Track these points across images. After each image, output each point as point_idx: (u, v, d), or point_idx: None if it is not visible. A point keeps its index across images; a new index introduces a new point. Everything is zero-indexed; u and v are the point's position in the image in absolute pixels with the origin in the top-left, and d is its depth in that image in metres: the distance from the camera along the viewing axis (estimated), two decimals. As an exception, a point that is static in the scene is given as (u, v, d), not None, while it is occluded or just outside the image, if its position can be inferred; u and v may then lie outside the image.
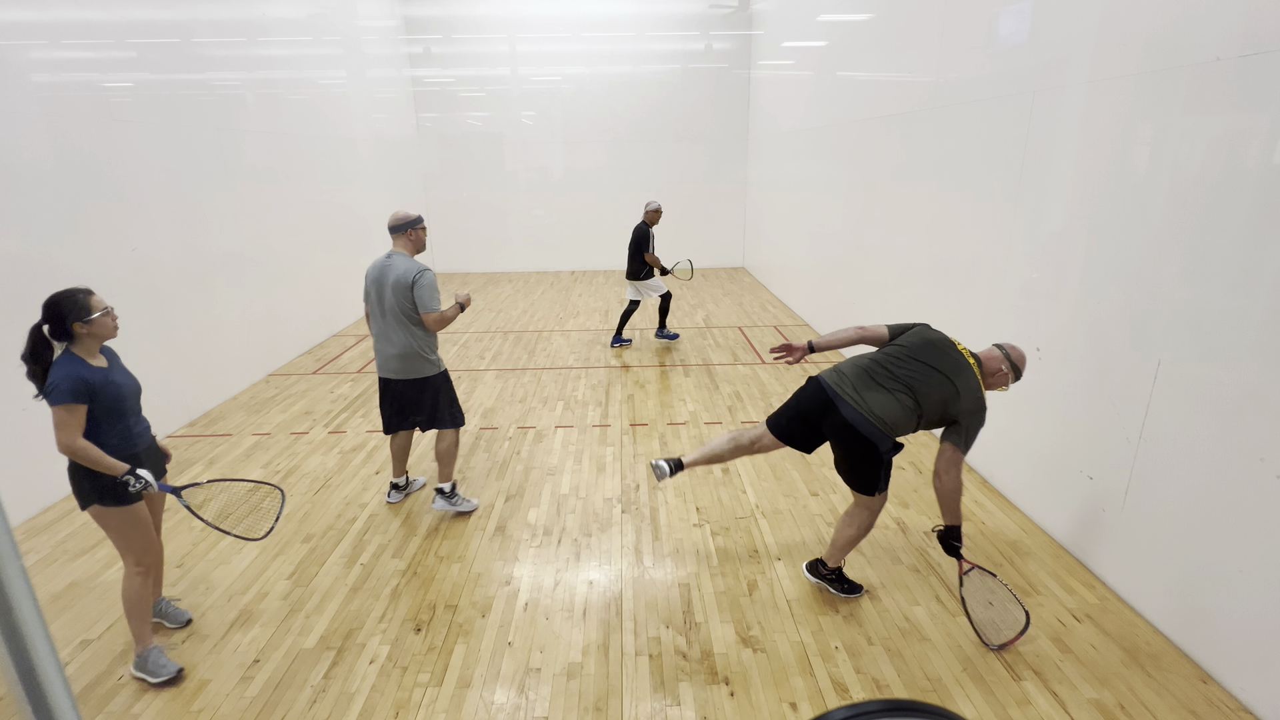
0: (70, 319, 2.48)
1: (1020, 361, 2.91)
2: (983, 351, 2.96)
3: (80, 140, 4.52)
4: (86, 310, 2.49)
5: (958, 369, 2.81)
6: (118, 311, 2.64)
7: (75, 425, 2.48)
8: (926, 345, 2.91)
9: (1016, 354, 2.92)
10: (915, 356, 2.88)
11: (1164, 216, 2.86)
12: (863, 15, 6.35)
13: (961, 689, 2.67)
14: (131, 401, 2.70)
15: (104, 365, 2.61)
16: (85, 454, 2.50)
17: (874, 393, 2.85)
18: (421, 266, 3.64)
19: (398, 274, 3.61)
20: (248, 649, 2.93)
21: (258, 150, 6.64)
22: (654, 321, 8.50)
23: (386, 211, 9.82)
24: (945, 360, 2.84)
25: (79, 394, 2.46)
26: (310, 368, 6.88)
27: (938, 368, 2.82)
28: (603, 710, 2.59)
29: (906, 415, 2.81)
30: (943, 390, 2.78)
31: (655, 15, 11.16)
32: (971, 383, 2.79)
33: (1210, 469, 2.66)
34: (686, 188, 12.07)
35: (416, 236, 3.79)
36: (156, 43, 5.34)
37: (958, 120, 4.56)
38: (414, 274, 3.60)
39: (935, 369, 2.82)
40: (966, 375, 2.80)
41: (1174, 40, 2.79)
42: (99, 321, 2.53)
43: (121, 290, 4.77)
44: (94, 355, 2.58)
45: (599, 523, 3.90)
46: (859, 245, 6.50)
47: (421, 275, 3.61)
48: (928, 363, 2.84)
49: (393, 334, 3.68)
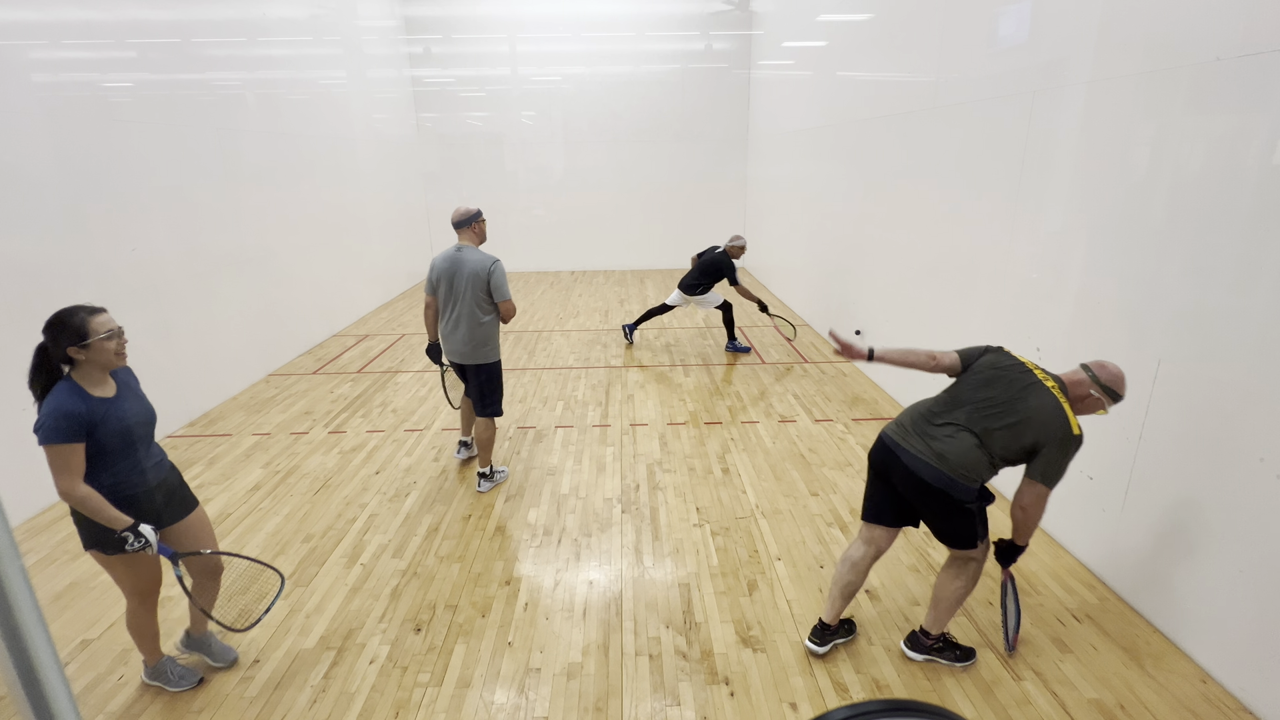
0: (64, 342, 2.17)
1: (1113, 381, 2.49)
2: (1066, 374, 2.59)
3: (80, 140, 4.52)
4: (83, 333, 2.17)
5: (1027, 396, 2.46)
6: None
7: (71, 468, 2.17)
8: (993, 374, 2.57)
9: (1107, 373, 2.51)
10: (980, 389, 2.56)
11: (1164, 216, 2.86)
12: (863, 15, 6.35)
13: (961, 689, 2.67)
14: (141, 433, 2.38)
15: (109, 394, 2.28)
16: (85, 504, 2.20)
17: (934, 436, 2.57)
18: (494, 258, 3.94)
19: (473, 265, 3.90)
20: (248, 649, 2.93)
21: (257, 150, 6.64)
22: (654, 322, 8.50)
23: (386, 211, 9.86)
24: (1013, 388, 2.50)
25: (71, 432, 2.16)
26: (310, 368, 6.88)
27: (1005, 398, 2.50)
28: (603, 710, 2.59)
29: (977, 456, 2.50)
30: (1010, 422, 2.46)
31: (655, 15, 11.16)
32: (1048, 410, 2.42)
33: (1210, 469, 2.66)
34: (686, 188, 12.08)
35: (480, 229, 4.06)
36: (156, 43, 5.34)
37: (958, 120, 4.57)
38: (489, 264, 3.91)
39: (1002, 400, 2.50)
40: (1040, 402, 2.44)
41: (1174, 40, 2.79)
42: (97, 347, 2.19)
43: (121, 290, 4.78)
44: (98, 383, 2.26)
45: (599, 523, 3.90)
46: (859, 245, 6.50)
47: (496, 265, 3.92)
48: (994, 393, 2.52)
49: (463, 321, 3.98)
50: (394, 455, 4.80)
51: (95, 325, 2.19)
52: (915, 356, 2.74)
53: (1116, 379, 2.50)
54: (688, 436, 5.06)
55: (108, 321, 2.24)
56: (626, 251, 12.39)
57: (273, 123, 6.95)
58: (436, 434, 5.16)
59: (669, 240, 12.36)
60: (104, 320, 2.23)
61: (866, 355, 2.80)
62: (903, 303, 5.55)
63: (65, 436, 2.15)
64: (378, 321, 8.84)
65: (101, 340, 2.20)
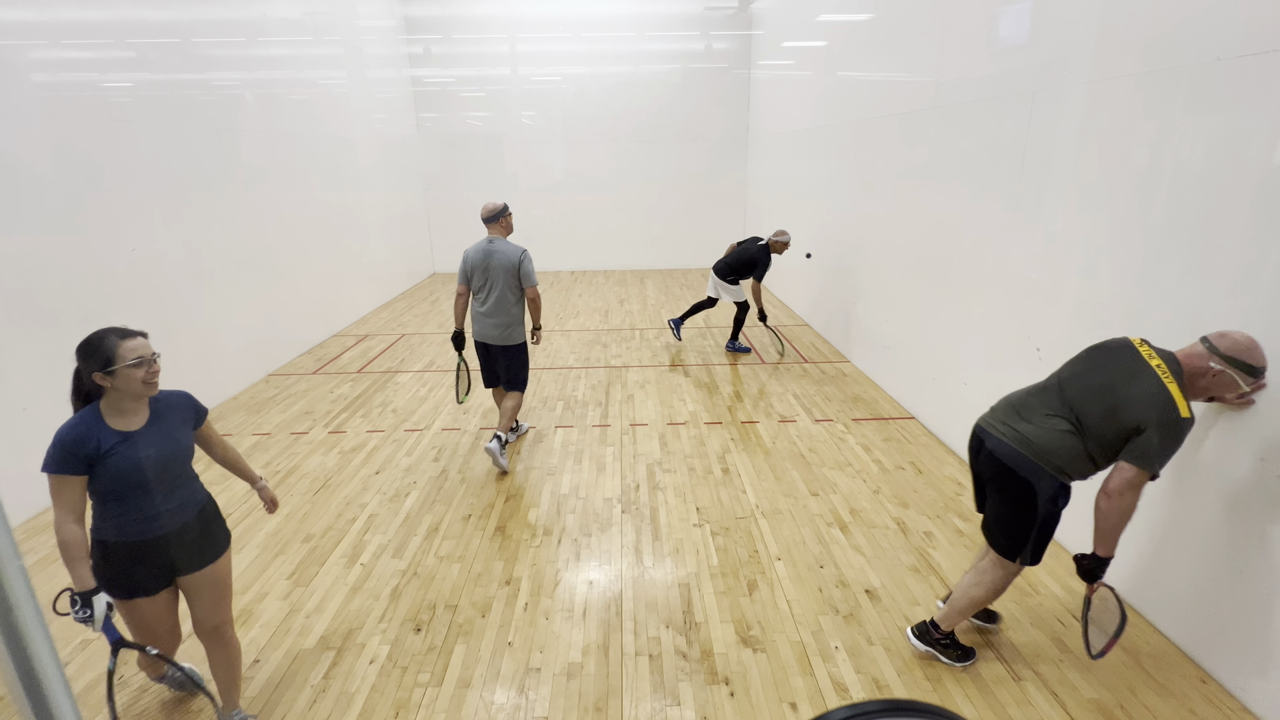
0: (91, 368, 2.01)
1: (1237, 351, 2.18)
2: (1183, 350, 2.32)
3: (80, 140, 4.52)
4: (109, 359, 2.00)
5: (1132, 374, 2.24)
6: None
7: (66, 502, 2.00)
8: (1094, 354, 2.41)
9: (1228, 342, 2.21)
10: (1081, 370, 2.40)
11: (1164, 216, 2.86)
12: (863, 15, 6.35)
13: (961, 689, 2.67)
14: (158, 474, 2.13)
15: (133, 427, 2.09)
16: (63, 548, 2.00)
17: (1025, 419, 2.43)
18: (523, 248, 4.41)
19: (504, 255, 4.35)
20: (248, 649, 2.93)
21: (258, 150, 6.64)
22: (654, 322, 8.50)
23: (386, 211, 9.90)
24: (1114, 366, 2.30)
25: (65, 463, 1.98)
26: (310, 368, 6.88)
27: (1101, 383, 2.30)
28: (603, 710, 2.59)
29: (1068, 443, 2.34)
30: (1108, 407, 2.26)
31: (655, 15, 11.16)
32: (1151, 388, 2.18)
33: (1210, 469, 2.66)
34: (686, 188, 12.08)
35: (507, 221, 4.49)
36: (156, 43, 5.34)
37: (957, 120, 4.57)
38: (520, 254, 4.38)
39: (1099, 384, 2.30)
40: (1144, 380, 2.21)
41: (1174, 40, 2.79)
42: (124, 375, 2.02)
43: (121, 290, 4.77)
44: (126, 412, 2.09)
45: (599, 523, 3.90)
46: (859, 245, 6.50)
47: (525, 255, 4.40)
48: (1092, 379, 2.34)
49: (496, 307, 4.42)
50: (394, 455, 4.80)
51: (123, 351, 2.02)
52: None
53: (1241, 347, 2.19)
54: (688, 436, 5.06)
55: (138, 347, 2.07)
56: (626, 251, 12.39)
57: (273, 123, 6.95)
58: (436, 434, 5.16)
59: (669, 240, 12.37)
60: (134, 346, 2.05)
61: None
62: (903, 302, 5.55)
63: (58, 466, 1.98)
64: (378, 321, 8.84)
65: (128, 368, 2.03)
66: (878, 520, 3.87)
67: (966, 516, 3.88)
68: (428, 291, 10.79)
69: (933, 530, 3.75)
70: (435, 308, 9.59)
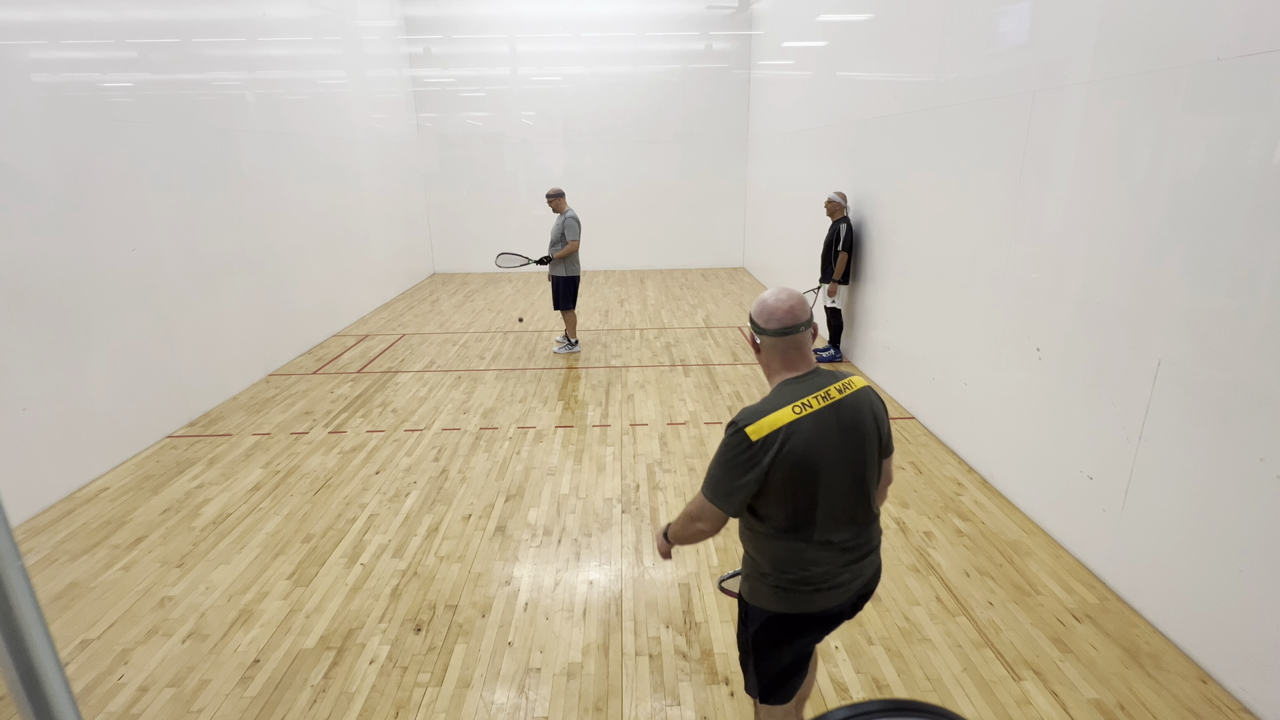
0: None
1: (755, 312, 1.81)
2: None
3: (80, 140, 4.52)
4: None
5: None
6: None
7: None
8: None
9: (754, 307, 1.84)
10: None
11: (1164, 216, 2.86)
12: (863, 15, 6.35)
13: (961, 689, 2.67)
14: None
15: None
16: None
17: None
18: (564, 215, 6.66)
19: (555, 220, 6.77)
20: (248, 649, 2.93)
21: (258, 150, 6.64)
22: (654, 322, 8.50)
23: (386, 211, 10.01)
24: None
25: None
26: (310, 368, 6.88)
27: None
28: (603, 710, 2.59)
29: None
30: None
31: (655, 15, 11.16)
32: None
33: (1210, 469, 2.66)
34: (686, 188, 12.08)
35: (553, 204, 6.76)
36: (156, 43, 5.34)
37: (958, 120, 4.56)
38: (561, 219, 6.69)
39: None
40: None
41: (1174, 40, 2.79)
42: None
43: (121, 290, 4.77)
44: None
45: (599, 523, 3.90)
46: (858, 245, 6.49)
47: (561, 218, 6.67)
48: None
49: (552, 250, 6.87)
50: (394, 455, 4.80)
51: None
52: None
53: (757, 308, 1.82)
54: (688, 436, 5.06)
55: None
56: (626, 251, 12.39)
57: (273, 123, 6.95)
58: (436, 434, 5.16)
59: (669, 240, 12.37)
60: None
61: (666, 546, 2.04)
62: (903, 302, 5.55)
63: None
64: (378, 321, 8.84)
65: None
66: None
67: (966, 516, 3.88)
68: (428, 291, 10.79)
69: (933, 530, 3.75)
70: (435, 308, 9.59)
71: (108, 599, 3.26)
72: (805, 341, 1.77)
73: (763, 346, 1.80)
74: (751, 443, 1.64)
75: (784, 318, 1.74)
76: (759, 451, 1.64)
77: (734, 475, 1.68)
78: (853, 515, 1.76)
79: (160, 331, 5.17)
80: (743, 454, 1.65)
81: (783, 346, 1.76)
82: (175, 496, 4.26)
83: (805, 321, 1.76)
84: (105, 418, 4.63)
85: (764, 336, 1.78)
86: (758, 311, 1.78)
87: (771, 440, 1.64)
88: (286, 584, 3.38)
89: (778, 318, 1.74)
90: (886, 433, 1.83)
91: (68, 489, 4.32)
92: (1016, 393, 3.93)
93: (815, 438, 1.66)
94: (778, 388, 1.76)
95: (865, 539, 1.82)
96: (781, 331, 1.74)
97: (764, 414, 1.67)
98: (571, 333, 7.25)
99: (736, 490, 1.68)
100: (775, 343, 1.76)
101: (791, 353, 1.76)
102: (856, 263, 6.53)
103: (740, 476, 1.67)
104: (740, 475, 1.67)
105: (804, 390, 1.72)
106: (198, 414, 5.60)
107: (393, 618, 3.12)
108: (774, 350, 1.77)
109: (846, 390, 1.75)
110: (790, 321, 1.74)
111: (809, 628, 1.84)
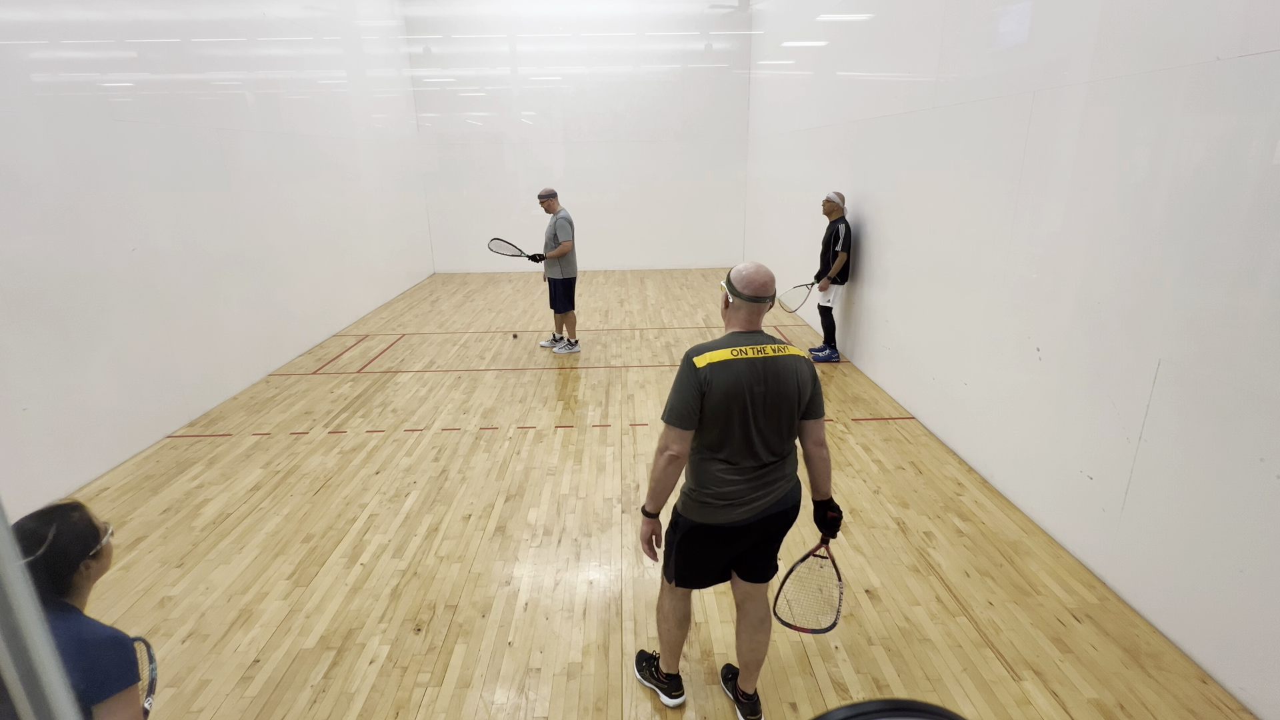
0: (85, 549, 1.59)
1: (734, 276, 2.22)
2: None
3: (80, 140, 4.52)
4: (95, 531, 1.63)
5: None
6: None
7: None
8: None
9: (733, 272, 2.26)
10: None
11: (1164, 216, 2.86)
12: (863, 15, 6.35)
13: (961, 689, 2.67)
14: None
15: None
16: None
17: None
18: (558, 216, 6.70)
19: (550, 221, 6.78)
20: (248, 649, 2.93)
21: (258, 150, 6.64)
22: (654, 322, 8.50)
23: (386, 211, 10.00)
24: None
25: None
26: (310, 368, 6.88)
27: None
28: (603, 710, 2.59)
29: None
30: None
31: (655, 15, 11.16)
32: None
33: (1210, 469, 2.66)
34: (686, 188, 12.07)
35: (544, 204, 6.76)
36: (156, 43, 5.34)
37: (958, 120, 4.56)
38: (554, 220, 6.70)
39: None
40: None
41: (1174, 40, 2.79)
42: (107, 549, 1.64)
43: (121, 290, 4.77)
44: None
45: (599, 523, 3.90)
46: (858, 245, 6.50)
47: (554, 219, 6.70)
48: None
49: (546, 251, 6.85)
50: (394, 455, 4.80)
51: (101, 525, 1.64)
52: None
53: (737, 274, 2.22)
54: (688, 436, 5.06)
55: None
56: (626, 251, 12.39)
57: (273, 123, 6.95)
58: (436, 434, 5.16)
59: (669, 240, 12.36)
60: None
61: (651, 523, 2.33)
62: (903, 302, 5.55)
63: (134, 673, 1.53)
64: (378, 321, 8.84)
65: (110, 539, 1.66)
66: (877, 520, 3.87)
67: (966, 516, 3.88)
68: (427, 291, 10.79)
69: (932, 530, 3.75)
70: (435, 308, 9.59)
71: (108, 599, 3.26)
72: (764, 309, 2.20)
73: (732, 305, 2.22)
74: (698, 369, 2.08)
75: (758, 290, 2.16)
76: (701, 377, 2.07)
77: (685, 394, 2.09)
78: (767, 447, 2.16)
79: (160, 331, 5.17)
80: (691, 376, 2.09)
81: (747, 310, 2.18)
82: (175, 496, 4.26)
83: (771, 296, 2.19)
84: (105, 418, 4.63)
85: (736, 298, 2.19)
86: (737, 277, 2.18)
87: (710, 370, 2.07)
88: (286, 584, 3.38)
89: (754, 288, 2.16)
90: (810, 395, 2.19)
91: (68, 489, 4.31)
92: (1016, 393, 3.93)
93: (743, 377, 2.07)
94: (729, 335, 2.19)
95: (776, 470, 2.22)
96: (752, 299, 2.16)
97: (710, 349, 2.11)
98: (571, 333, 7.23)
99: (688, 407, 2.09)
100: (744, 305, 2.18)
101: (752, 315, 2.19)
102: (855, 262, 6.53)
103: (689, 394, 2.08)
104: (689, 393, 2.08)
105: (746, 341, 2.14)
106: (198, 414, 5.60)
107: (393, 618, 3.12)
108: (740, 310, 2.19)
109: (780, 353, 2.14)
110: (761, 294, 2.17)
111: (721, 537, 2.27)
